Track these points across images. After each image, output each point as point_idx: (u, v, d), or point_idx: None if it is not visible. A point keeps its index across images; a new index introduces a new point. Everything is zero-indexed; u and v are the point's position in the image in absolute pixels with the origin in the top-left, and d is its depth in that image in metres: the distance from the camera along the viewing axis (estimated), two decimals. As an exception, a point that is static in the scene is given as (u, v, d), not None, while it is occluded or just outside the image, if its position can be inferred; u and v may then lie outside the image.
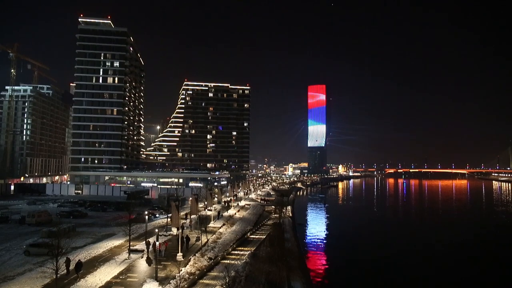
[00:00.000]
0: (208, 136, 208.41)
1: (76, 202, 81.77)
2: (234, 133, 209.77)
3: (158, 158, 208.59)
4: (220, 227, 57.45)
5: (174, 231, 49.42)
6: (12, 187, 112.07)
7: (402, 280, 46.61)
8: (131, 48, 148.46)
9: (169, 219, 53.41)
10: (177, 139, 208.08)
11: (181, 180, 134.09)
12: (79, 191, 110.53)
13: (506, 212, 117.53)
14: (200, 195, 79.35)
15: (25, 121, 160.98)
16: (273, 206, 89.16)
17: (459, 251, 61.99)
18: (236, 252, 44.51)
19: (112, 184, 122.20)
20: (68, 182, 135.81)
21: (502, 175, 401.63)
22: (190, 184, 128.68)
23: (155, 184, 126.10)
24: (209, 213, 65.95)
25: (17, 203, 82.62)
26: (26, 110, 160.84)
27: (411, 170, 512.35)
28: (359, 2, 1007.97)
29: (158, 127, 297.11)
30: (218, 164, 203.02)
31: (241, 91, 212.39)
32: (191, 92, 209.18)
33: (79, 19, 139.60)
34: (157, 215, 65.91)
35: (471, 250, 63.19)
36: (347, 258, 57.48)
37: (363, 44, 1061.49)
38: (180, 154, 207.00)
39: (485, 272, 50.17)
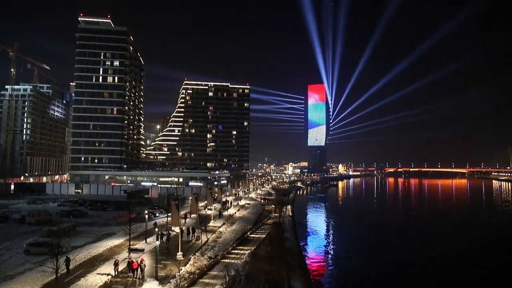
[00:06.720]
0: (208, 136, 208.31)
1: (76, 202, 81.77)
2: (234, 132, 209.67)
3: (158, 157, 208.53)
4: (220, 226, 57.47)
5: (177, 229, 49.48)
6: (12, 187, 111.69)
7: (402, 280, 46.68)
8: (131, 48, 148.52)
9: (169, 219, 53.51)
10: (177, 138, 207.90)
11: (181, 180, 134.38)
12: (79, 191, 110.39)
13: (507, 212, 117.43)
14: (200, 194, 79.41)
15: (25, 121, 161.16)
16: (273, 206, 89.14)
17: (459, 252, 61.96)
18: (236, 251, 44.51)
19: (112, 184, 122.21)
20: (68, 182, 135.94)
21: (502, 174, 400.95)
22: (190, 184, 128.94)
23: (155, 184, 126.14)
24: (209, 212, 65.94)
25: (17, 203, 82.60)
26: (26, 109, 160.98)
27: (411, 169, 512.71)
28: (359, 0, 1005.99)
29: (158, 127, 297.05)
30: (218, 163, 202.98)
31: (241, 90, 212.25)
32: (191, 91, 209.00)
33: (79, 19, 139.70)
34: (157, 214, 65.96)
35: (471, 250, 63.16)
36: (347, 257, 57.52)
37: (362, 43, 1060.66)
38: (180, 154, 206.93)
39: (486, 273, 50.15)
